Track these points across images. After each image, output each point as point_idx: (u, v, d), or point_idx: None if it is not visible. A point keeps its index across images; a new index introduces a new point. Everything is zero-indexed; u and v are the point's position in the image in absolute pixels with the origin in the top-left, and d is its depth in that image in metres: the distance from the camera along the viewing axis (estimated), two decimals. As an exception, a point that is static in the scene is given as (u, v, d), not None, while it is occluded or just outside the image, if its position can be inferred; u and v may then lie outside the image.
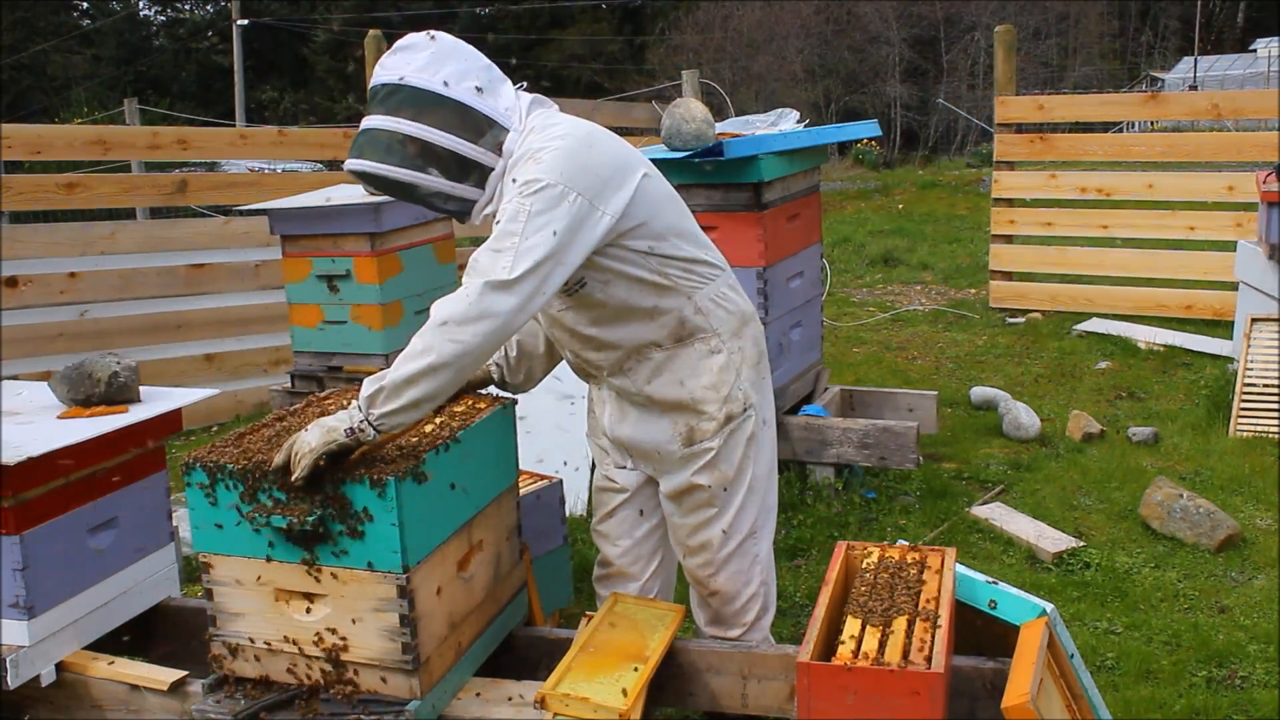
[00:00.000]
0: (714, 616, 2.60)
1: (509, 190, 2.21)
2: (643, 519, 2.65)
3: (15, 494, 2.32)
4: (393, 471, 2.07)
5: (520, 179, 2.19)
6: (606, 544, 2.69)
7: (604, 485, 2.66)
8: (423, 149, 2.24)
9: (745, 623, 2.60)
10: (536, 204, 2.14)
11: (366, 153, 2.26)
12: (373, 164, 2.25)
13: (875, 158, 20.08)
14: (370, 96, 2.29)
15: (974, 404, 5.59)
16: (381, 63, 2.27)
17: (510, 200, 2.17)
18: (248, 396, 6.06)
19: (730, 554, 2.53)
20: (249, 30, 28.36)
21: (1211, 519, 3.86)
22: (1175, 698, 2.90)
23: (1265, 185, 5.39)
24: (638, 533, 2.66)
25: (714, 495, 2.49)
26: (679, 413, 2.45)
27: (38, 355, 5.36)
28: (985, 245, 8.52)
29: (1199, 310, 7.12)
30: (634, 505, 2.64)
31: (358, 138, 2.28)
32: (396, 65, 2.25)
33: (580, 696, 2.15)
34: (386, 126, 2.24)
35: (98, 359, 2.67)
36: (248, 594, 2.21)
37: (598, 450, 2.68)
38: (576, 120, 2.34)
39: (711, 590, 2.56)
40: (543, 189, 2.15)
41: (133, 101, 11.94)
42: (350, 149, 2.29)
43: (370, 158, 2.25)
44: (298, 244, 4.41)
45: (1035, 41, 27.38)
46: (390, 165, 2.24)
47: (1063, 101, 8.92)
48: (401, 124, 2.23)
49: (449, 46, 2.29)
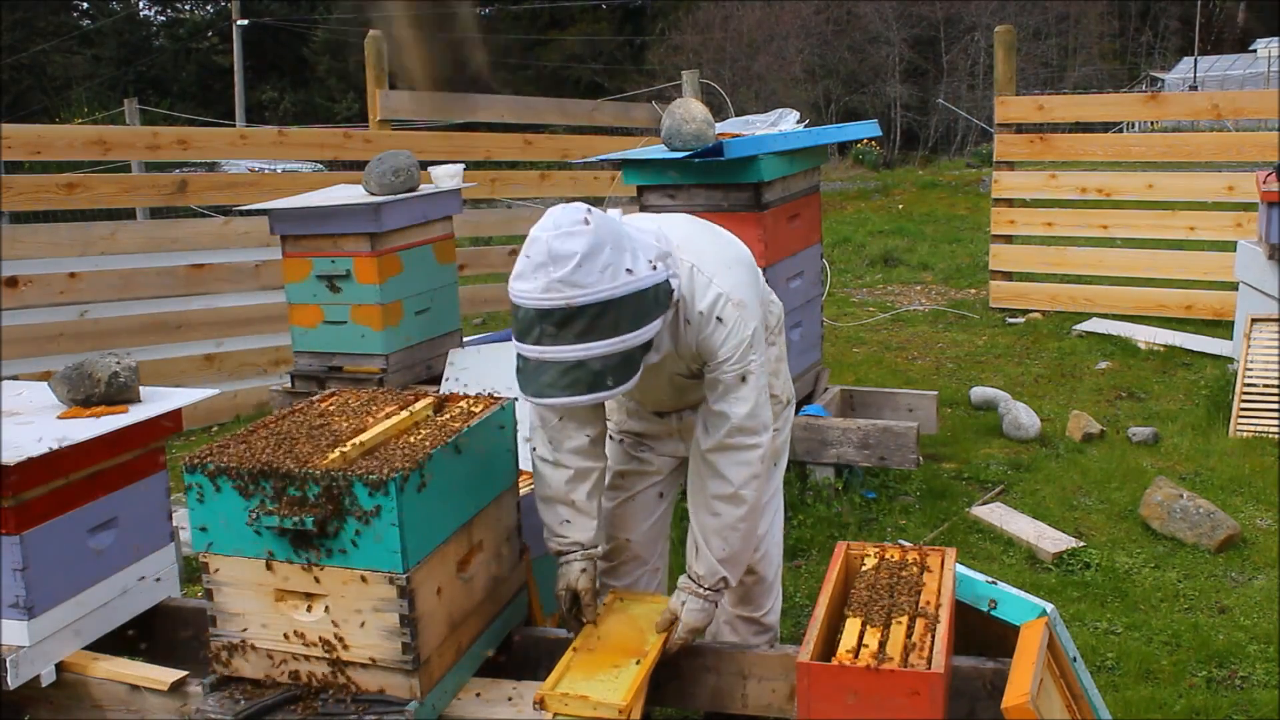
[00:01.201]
0: (745, 595, 2.66)
1: (728, 351, 2.28)
2: (661, 500, 2.72)
3: (15, 494, 2.32)
4: (393, 472, 2.07)
5: (731, 339, 2.28)
6: (623, 529, 2.70)
7: (632, 469, 2.69)
8: (625, 365, 2.09)
9: (771, 603, 2.69)
10: (755, 360, 2.32)
11: (575, 387, 2.07)
12: (590, 395, 2.09)
13: (875, 158, 20.07)
14: (551, 320, 2.03)
15: (974, 404, 5.59)
16: (564, 280, 2.00)
17: (737, 363, 2.29)
18: (248, 396, 6.05)
19: (765, 533, 2.61)
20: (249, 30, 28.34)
21: (1211, 519, 3.86)
22: (1175, 698, 2.90)
23: (1265, 185, 5.39)
24: (655, 515, 2.72)
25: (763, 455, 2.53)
26: None
27: (38, 355, 5.36)
28: (985, 245, 8.52)
29: (1199, 310, 7.12)
30: (657, 488, 2.71)
31: (543, 371, 2.07)
32: (586, 280, 2.01)
33: (579, 695, 2.15)
34: (597, 353, 2.04)
35: (98, 359, 2.67)
36: (248, 594, 2.21)
37: (631, 438, 2.69)
38: (712, 258, 2.35)
39: (748, 569, 2.60)
40: (752, 343, 2.31)
41: (133, 101, 11.93)
42: (543, 383, 2.08)
43: (581, 391, 2.07)
44: (298, 244, 4.41)
45: (1035, 41, 27.37)
46: (603, 390, 2.09)
47: (1063, 102, 8.92)
48: (612, 345, 2.05)
49: (604, 225, 2.07)
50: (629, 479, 2.70)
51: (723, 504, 2.36)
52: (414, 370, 4.53)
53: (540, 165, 7.72)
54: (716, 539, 2.36)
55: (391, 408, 2.48)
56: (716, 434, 2.34)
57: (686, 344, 2.33)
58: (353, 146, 6.73)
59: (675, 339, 2.32)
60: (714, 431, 2.34)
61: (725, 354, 2.30)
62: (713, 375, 2.33)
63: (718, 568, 2.37)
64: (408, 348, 4.48)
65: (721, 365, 2.30)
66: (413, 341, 4.51)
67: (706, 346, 2.31)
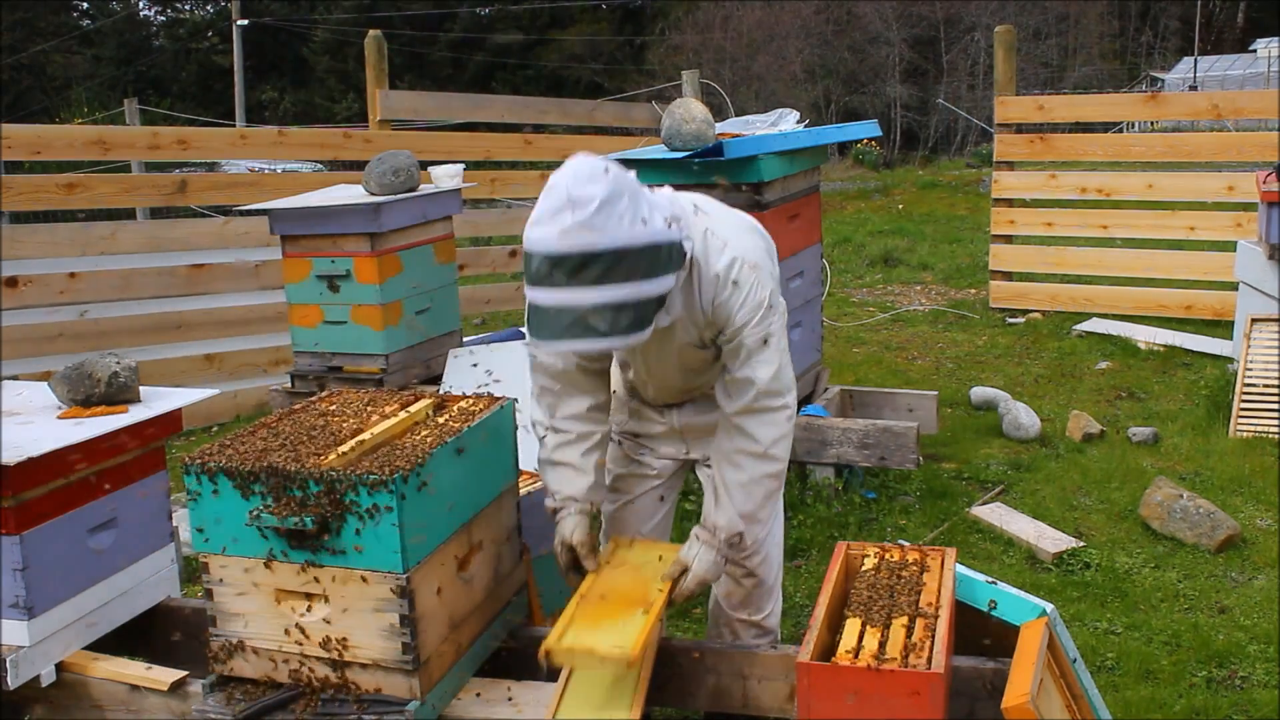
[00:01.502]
0: (746, 599, 2.65)
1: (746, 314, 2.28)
2: (661, 504, 2.72)
3: (15, 494, 2.32)
4: (393, 472, 2.07)
5: (749, 301, 2.28)
6: (622, 532, 2.69)
7: (632, 472, 2.68)
8: (640, 315, 2.07)
9: (771, 606, 2.68)
10: (775, 321, 2.33)
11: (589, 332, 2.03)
12: (604, 344, 2.07)
13: (875, 158, 20.07)
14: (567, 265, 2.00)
15: (974, 404, 5.59)
16: (581, 225, 1.99)
17: (758, 325, 2.29)
18: (248, 396, 6.05)
19: (767, 536, 2.60)
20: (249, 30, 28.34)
21: (1211, 519, 3.86)
22: (1175, 698, 2.90)
23: (1265, 185, 5.39)
24: (655, 518, 2.71)
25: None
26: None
27: (38, 355, 5.36)
28: (985, 245, 8.52)
29: (1199, 310, 7.12)
30: (657, 491, 2.70)
31: (559, 316, 2.02)
32: (605, 226, 2.00)
33: (586, 647, 2.12)
34: (611, 299, 2.02)
35: (98, 359, 2.67)
36: (248, 594, 2.21)
37: (631, 441, 2.68)
38: (725, 223, 2.36)
39: (748, 571, 2.61)
40: (771, 304, 2.32)
41: (133, 101, 11.95)
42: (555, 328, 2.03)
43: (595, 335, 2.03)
44: (298, 244, 4.41)
45: (1035, 42, 27.36)
46: (617, 336, 2.05)
47: (1063, 102, 8.92)
48: (627, 291, 2.03)
49: (623, 177, 2.07)
50: (628, 482, 2.69)
51: (750, 459, 2.34)
52: (414, 370, 4.53)
53: (540, 165, 7.72)
54: (740, 492, 2.34)
55: (391, 408, 2.48)
56: (742, 399, 2.33)
57: (701, 309, 2.31)
58: (353, 146, 6.73)
59: (689, 303, 2.30)
60: (739, 397, 2.33)
61: (744, 317, 2.29)
62: (734, 343, 2.31)
63: (737, 520, 2.34)
64: (408, 348, 4.48)
65: (742, 330, 2.29)
66: (413, 341, 4.51)
67: (723, 312, 2.29)
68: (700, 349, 2.41)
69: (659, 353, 2.42)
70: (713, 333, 2.36)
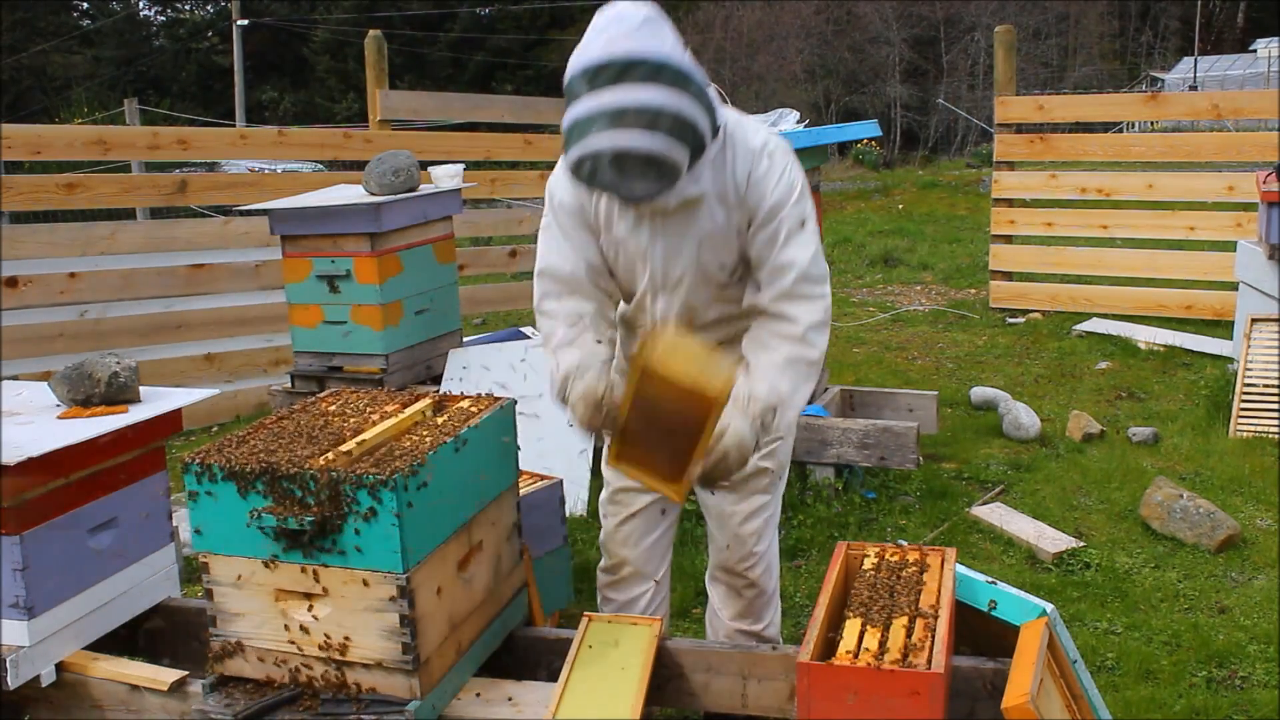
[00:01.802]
0: (746, 609, 2.63)
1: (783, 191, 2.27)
2: (664, 517, 2.67)
3: (15, 494, 2.32)
4: (393, 472, 2.07)
5: (785, 178, 2.28)
6: (625, 546, 2.67)
7: (629, 485, 2.62)
8: (678, 127, 2.06)
9: (771, 616, 2.67)
10: (810, 207, 2.31)
11: (624, 132, 2.03)
12: (641, 143, 2.03)
13: (875, 158, 20.07)
14: (610, 72, 2.03)
15: (974, 404, 5.59)
16: (625, 35, 2.04)
17: (796, 205, 2.29)
18: (248, 396, 6.05)
19: (768, 547, 2.59)
20: (249, 30, 28.34)
21: (1211, 519, 3.86)
22: (1175, 698, 2.90)
23: (1265, 185, 5.39)
24: (657, 531, 2.67)
25: (771, 483, 2.55)
26: None
27: (38, 355, 5.36)
28: (985, 245, 8.52)
29: (1199, 310, 7.12)
30: (658, 504, 2.64)
31: (597, 119, 2.02)
32: (648, 40, 2.05)
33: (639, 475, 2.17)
34: (654, 101, 2.02)
35: (98, 359, 2.67)
36: (248, 594, 2.21)
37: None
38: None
39: (749, 582, 2.60)
40: (804, 189, 2.32)
41: (133, 101, 11.96)
42: (590, 126, 2.03)
43: (636, 139, 2.03)
44: (298, 244, 4.41)
45: (1035, 42, 27.38)
46: (659, 144, 2.04)
47: (1063, 102, 8.92)
48: (668, 97, 2.04)
49: (665, 18, 2.14)
50: (628, 495, 2.65)
51: (784, 342, 2.26)
52: (414, 370, 4.53)
53: (540, 165, 7.71)
54: (773, 371, 2.24)
55: (391, 408, 2.48)
56: (781, 283, 2.27)
57: (735, 185, 2.27)
58: (353, 146, 6.73)
59: (719, 179, 2.27)
60: (777, 282, 2.27)
61: (780, 194, 2.27)
62: (770, 226, 2.27)
63: (773, 392, 2.22)
64: (408, 348, 4.48)
65: (779, 210, 2.26)
66: (413, 341, 4.51)
67: (758, 189, 2.27)
68: (724, 246, 2.32)
69: (677, 246, 2.33)
70: (744, 216, 2.30)
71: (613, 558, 2.69)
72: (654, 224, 2.33)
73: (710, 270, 2.37)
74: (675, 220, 2.30)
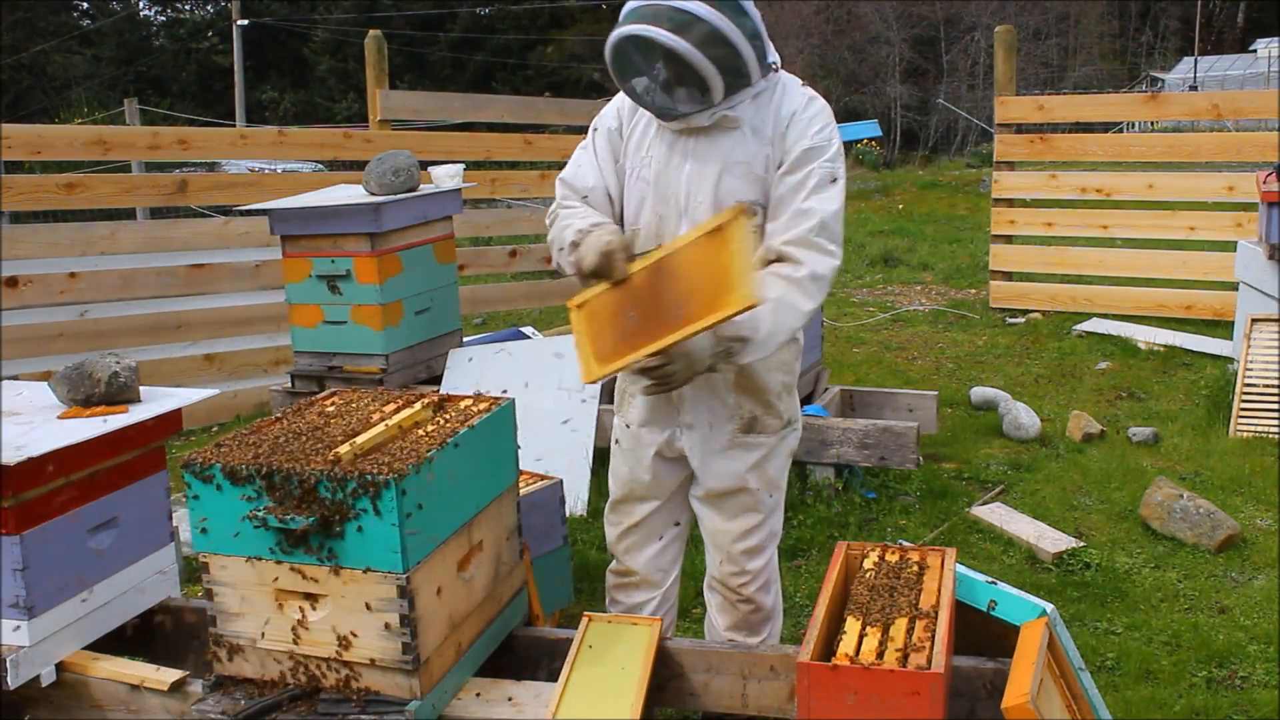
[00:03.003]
0: (741, 622, 2.62)
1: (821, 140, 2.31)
2: (669, 526, 2.66)
3: (15, 494, 2.32)
4: (393, 472, 2.07)
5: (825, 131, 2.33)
6: (628, 556, 2.67)
7: (631, 494, 2.62)
8: (713, 36, 2.18)
9: (767, 630, 2.64)
10: (842, 170, 2.35)
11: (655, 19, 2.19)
12: (664, 33, 2.18)
13: (875, 158, 20.08)
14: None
15: (974, 404, 5.59)
16: None
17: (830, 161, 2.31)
18: (248, 396, 6.06)
19: (765, 563, 2.57)
20: (249, 30, 28.34)
21: (1211, 519, 3.86)
22: (1175, 698, 2.90)
23: (1265, 185, 5.39)
24: (663, 540, 2.66)
25: (759, 501, 2.51)
26: (749, 396, 2.45)
27: (38, 355, 5.36)
28: (985, 245, 8.53)
29: (1199, 310, 7.12)
30: (663, 513, 2.63)
31: (640, 10, 2.21)
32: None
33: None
34: (692, 9, 2.17)
35: (98, 359, 2.67)
36: (248, 594, 2.21)
37: (631, 439, 2.60)
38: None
39: (744, 598, 2.58)
40: (839, 154, 2.35)
41: (133, 101, 11.97)
42: (630, 16, 2.22)
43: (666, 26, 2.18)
44: (298, 244, 4.41)
45: (1035, 42, 27.37)
46: (682, 40, 2.17)
47: (1063, 102, 8.93)
48: (711, 13, 2.18)
49: None
50: (628, 505, 2.65)
51: (782, 283, 2.25)
52: (414, 370, 4.53)
53: (540, 165, 7.72)
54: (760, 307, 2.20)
55: (391, 408, 2.48)
56: (800, 227, 2.27)
57: (775, 119, 2.32)
58: (353, 146, 6.73)
59: (760, 114, 2.32)
60: (797, 226, 2.27)
61: (818, 142, 2.30)
62: (801, 173, 2.29)
63: (747, 324, 2.19)
64: (408, 348, 4.48)
65: (813, 156, 2.29)
66: (413, 341, 4.51)
67: (798, 127, 2.31)
68: (747, 179, 2.34)
69: (700, 171, 2.37)
70: (776, 154, 2.33)
71: (620, 564, 2.70)
72: (686, 145, 2.39)
73: (725, 200, 2.36)
74: (706, 142, 2.36)
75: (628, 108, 2.48)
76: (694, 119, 2.32)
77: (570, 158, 2.59)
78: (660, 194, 2.43)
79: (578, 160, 2.56)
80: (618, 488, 2.66)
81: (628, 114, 2.49)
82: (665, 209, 2.42)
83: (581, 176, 2.52)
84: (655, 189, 2.43)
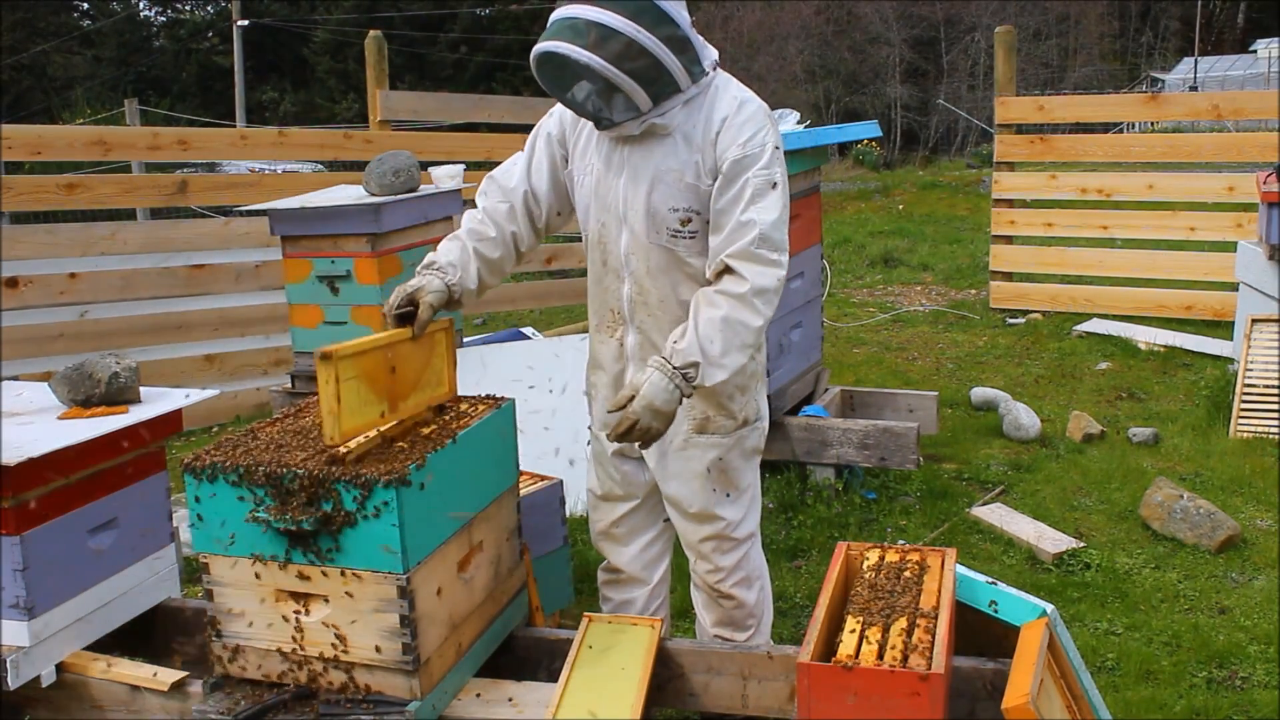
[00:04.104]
0: (725, 618, 2.62)
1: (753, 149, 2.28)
2: (651, 522, 2.67)
3: (15, 494, 2.32)
4: (393, 472, 2.07)
5: (759, 136, 2.29)
6: (616, 550, 2.67)
7: (610, 492, 2.64)
8: (630, 48, 2.18)
9: (753, 625, 2.63)
10: (781, 172, 2.31)
11: (572, 36, 2.18)
12: (578, 50, 2.17)
13: (875, 158, 20.07)
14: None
15: (974, 405, 5.59)
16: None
17: (766, 168, 2.28)
18: (248, 397, 6.06)
19: (739, 560, 2.55)
20: (249, 30, 28.33)
21: (1212, 520, 3.86)
22: (1175, 698, 2.90)
23: (1265, 186, 5.39)
24: (646, 536, 2.67)
25: (718, 500, 2.50)
26: (701, 398, 2.43)
27: (38, 355, 5.36)
28: (985, 246, 8.52)
29: (1199, 311, 7.12)
30: (643, 511, 2.64)
31: (556, 23, 2.19)
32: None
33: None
34: (609, 21, 2.16)
35: (98, 359, 2.67)
36: (248, 594, 2.21)
37: (596, 441, 2.65)
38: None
39: (724, 594, 2.58)
40: (778, 148, 2.33)
41: (133, 102, 11.96)
42: (550, 31, 2.20)
43: (581, 43, 2.17)
44: (298, 244, 4.40)
45: (1035, 42, 27.39)
46: (597, 56, 2.17)
47: (1063, 102, 8.93)
48: (626, 25, 2.17)
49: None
50: (604, 503, 2.66)
51: (728, 301, 2.22)
52: (414, 370, 4.52)
53: (540, 165, 7.70)
54: (708, 326, 2.21)
55: (391, 408, 2.47)
56: (740, 241, 2.24)
57: (705, 125, 2.30)
58: (353, 147, 6.73)
59: (691, 121, 2.31)
60: (738, 239, 2.25)
61: (750, 150, 2.27)
62: (737, 185, 2.27)
63: (696, 349, 2.19)
64: (408, 348, 4.47)
65: (746, 166, 2.26)
66: (413, 342, 4.50)
67: (728, 134, 2.28)
68: (677, 186, 2.33)
69: (633, 178, 2.37)
70: (708, 161, 2.31)
71: (608, 559, 2.71)
72: (622, 154, 2.39)
73: (659, 210, 2.36)
74: (640, 151, 2.36)
75: (569, 115, 2.49)
76: (625, 127, 2.31)
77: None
78: (601, 202, 2.45)
79: (513, 159, 2.61)
80: (595, 488, 2.68)
81: (570, 121, 2.51)
82: (607, 217, 2.44)
83: (507, 176, 2.58)
84: (596, 197, 2.45)
